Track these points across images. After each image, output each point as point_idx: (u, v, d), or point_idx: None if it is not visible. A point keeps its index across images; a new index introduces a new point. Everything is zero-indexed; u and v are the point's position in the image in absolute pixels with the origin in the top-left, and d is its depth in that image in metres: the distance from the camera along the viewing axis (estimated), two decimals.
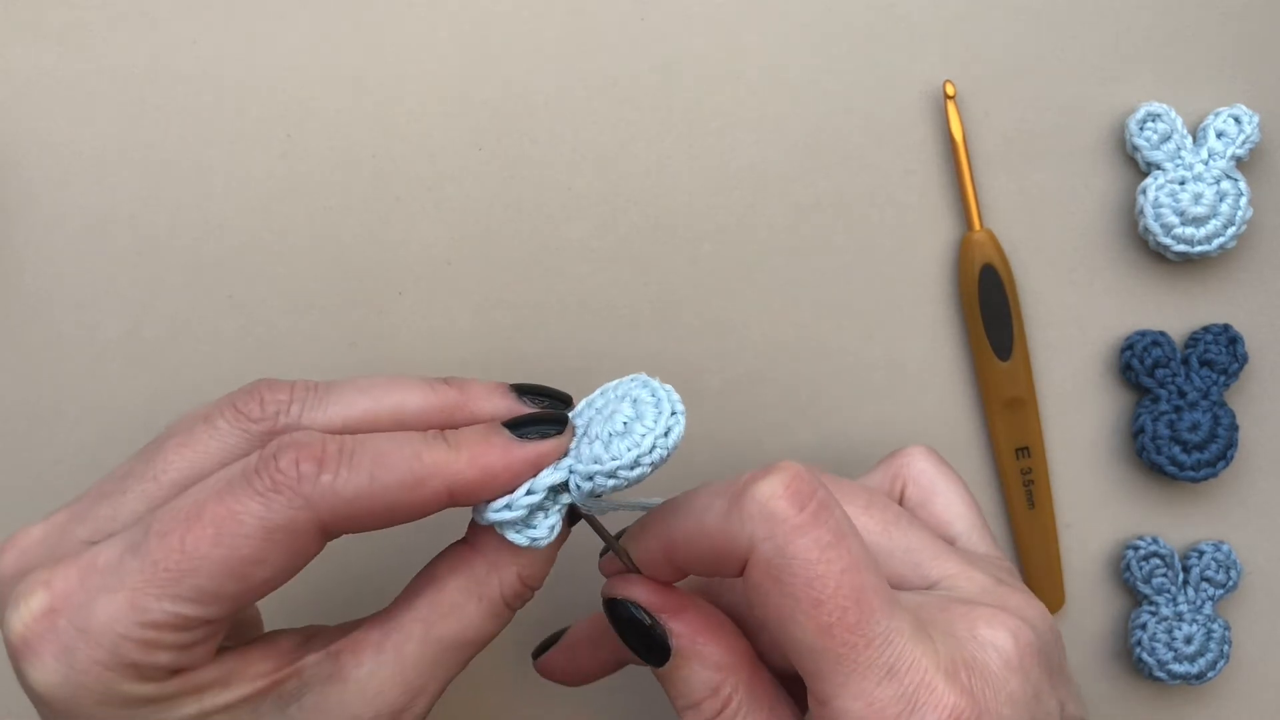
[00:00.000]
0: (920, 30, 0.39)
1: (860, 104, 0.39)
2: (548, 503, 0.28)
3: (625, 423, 0.27)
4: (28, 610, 0.25)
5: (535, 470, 0.27)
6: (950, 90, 0.39)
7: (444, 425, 0.28)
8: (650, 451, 0.27)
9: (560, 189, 0.39)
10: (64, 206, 0.39)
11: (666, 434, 0.27)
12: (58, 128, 0.38)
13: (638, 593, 0.29)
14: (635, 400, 0.28)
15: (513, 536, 0.28)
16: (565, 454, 0.28)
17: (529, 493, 0.27)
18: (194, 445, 0.27)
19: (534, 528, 0.28)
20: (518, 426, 0.28)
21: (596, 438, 0.27)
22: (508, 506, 0.27)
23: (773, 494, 0.26)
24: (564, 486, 0.28)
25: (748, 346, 0.39)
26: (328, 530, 0.26)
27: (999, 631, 0.27)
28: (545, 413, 0.29)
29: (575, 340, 0.39)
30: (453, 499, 0.27)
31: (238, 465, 0.26)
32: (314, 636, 0.28)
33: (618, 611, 0.29)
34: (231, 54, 0.39)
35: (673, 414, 0.27)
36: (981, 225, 0.39)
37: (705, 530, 0.27)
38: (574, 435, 0.28)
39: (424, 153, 0.39)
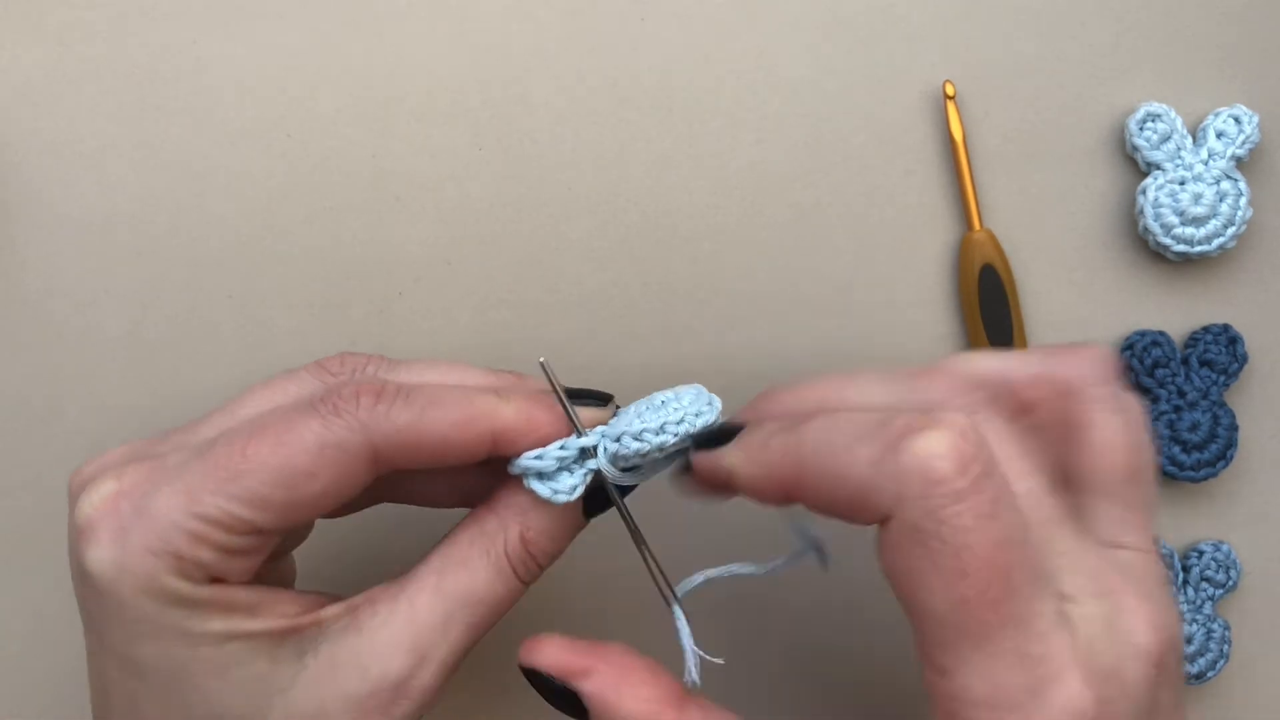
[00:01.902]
0: (920, 30, 0.39)
1: (860, 104, 0.39)
2: (575, 465, 0.29)
3: (663, 401, 0.29)
4: (97, 494, 0.27)
5: (566, 425, 0.29)
6: (950, 90, 0.39)
7: None
8: (679, 423, 0.29)
9: (560, 189, 0.39)
10: (64, 206, 0.39)
11: (698, 415, 0.29)
12: (58, 128, 0.38)
13: (545, 659, 0.29)
14: (679, 390, 0.30)
15: (536, 486, 0.29)
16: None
17: (562, 447, 0.29)
18: (273, 388, 0.30)
19: (557, 481, 0.29)
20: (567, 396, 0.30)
21: (634, 412, 0.29)
22: (539, 456, 0.29)
23: (934, 453, 0.24)
24: (593, 453, 0.29)
25: (748, 346, 0.39)
26: (379, 456, 0.27)
27: (1151, 636, 0.26)
28: (592, 390, 0.31)
29: (575, 340, 0.39)
30: (496, 444, 0.28)
31: (305, 397, 0.28)
32: (339, 598, 0.29)
33: (533, 679, 0.29)
34: (231, 54, 0.39)
35: (709, 403, 0.30)
36: (981, 225, 0.39)
37: (848, 475, 0.25)
38: (613, 413, 0.30)
39: (424, 153, 0.39)
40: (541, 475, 0.29)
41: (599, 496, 0.30)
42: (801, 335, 0.39)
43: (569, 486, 0.29)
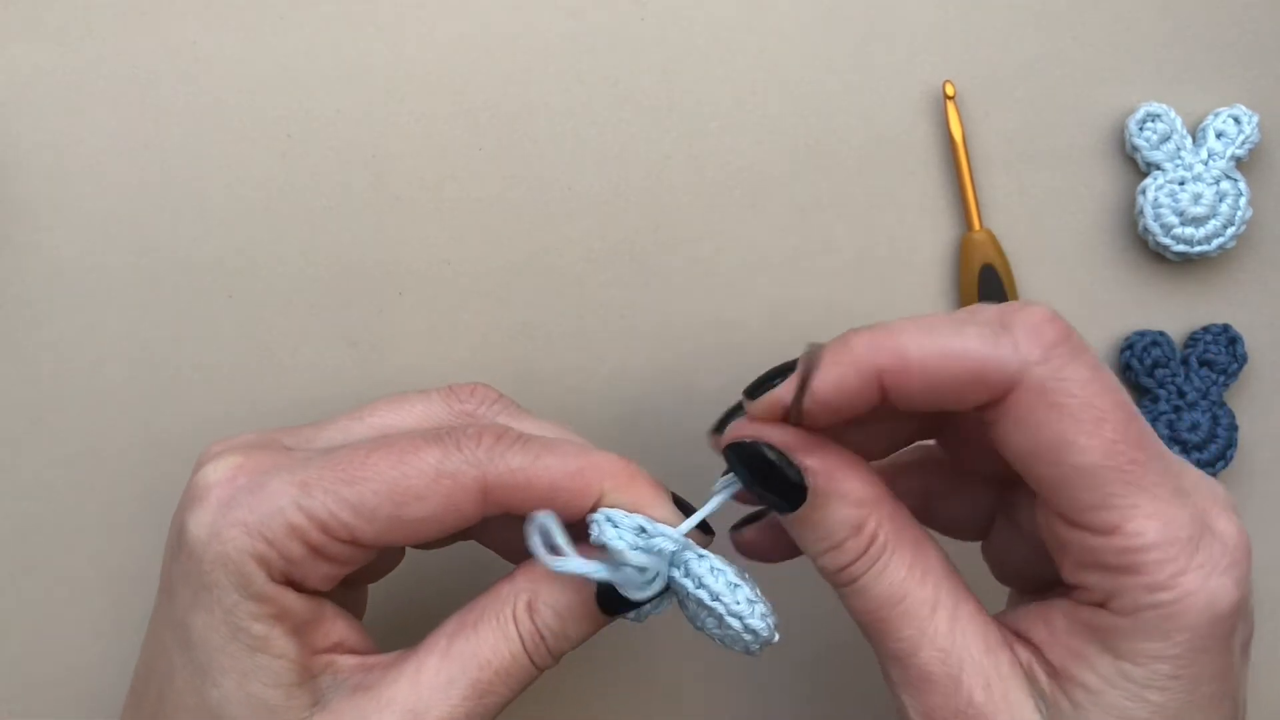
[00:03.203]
0: (920, 30, 0.39)
1: (860, 104, 0.39)
2: (642, 541, 0.28)
3: (749, 599, 0.28)
4: (222, 464, 0.28)
5: (667, 507, 0.29)
6: (950, 90, 0.39)
7: None
8: (728, 611, 0.28)
9: (560, 189, 0.39)
10: (64, 206, 0.39)
11: (752, 630, 0.28)
12: (58, 128, 0.38)
13: (769, 433, 0.28)
14: (750, 581, 0.29)
15: (598, 525, 0.28)
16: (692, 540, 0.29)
17: (647, 525, 0.28)
18: (403, 404, 0.31)
19: (617, 536, 0.28)
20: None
21: (715, 563, 0.28)
22: (628, 515, 0.29)
23: (1043, 319, 0.26)
24: (664, 553, 0.29)
25: (748, 346, 0.39)
26: (489, 495, 0.28)
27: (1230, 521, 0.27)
28: (707, 521, 0.30)
29: (575, 340, 0.39)
30: (602, 499, 0.29)
31: (430, 420, 0.30)
32: (370, 650, 0.30)
33: (746, 454, 0.28)
34: (231, 54, 0.39)
35: (769, 638, 0.29)
36: (981, 225, 0.39)
37: (964, 352, 0.25)
38: (701, 533, 0.29)
39: (424, 153, 0.39)
40: (612, 523, 0.28)
41: (621, 597, 0.29)
42: (801, 335, 0.39)
43: (615, 536, 0.28)
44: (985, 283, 0.38)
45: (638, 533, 0.28)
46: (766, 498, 0.28)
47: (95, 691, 0.39)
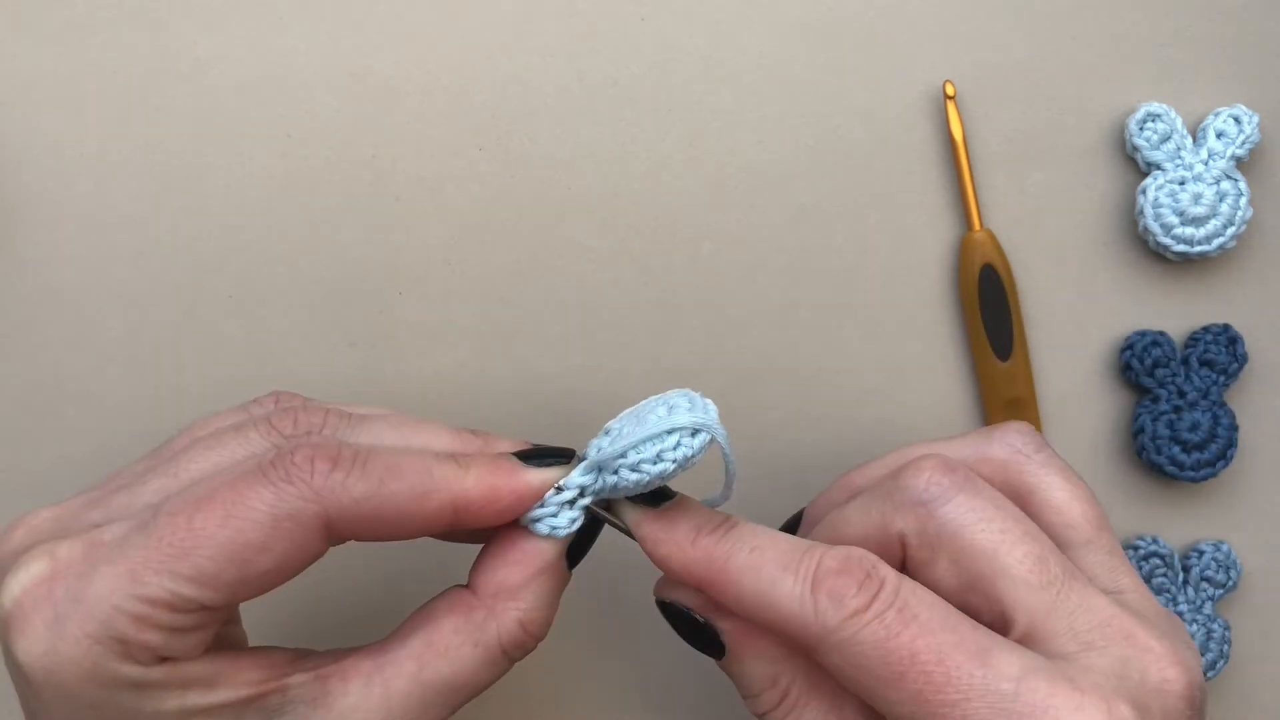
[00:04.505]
0: (920, 30, 0.39)
1: (860, 104, 0.39)
2: (567, 505, 0.29)
3: (654, 421, 0.28)
4: (27, 575, 0.25)
5: (538, 495, 0.28)
6: (950, 90, 0.39)
7: None
8: (675, 448, 0.27)
9: (560, 189, 0.39)
10: (64, 206, 0.39)
11: (694, 434, 0.28)
12: (58, 128, 0.38)
13: (687, 596, 0.30)
14: (672, 406, 0.28)
15: (535, 527, 0.28)
16: (585, 467, 0.29)
17: (559, 489, 0.28)
18: (220, 450, 0.28)
19: (555, 517, 0.28)
20: (527, 459, 0.29)
21: (622, 434, 0.28)
22: (543, 504, 0.28)
23: (829, 570, 0.27)
24: (583, 495, 0.29)
25: (748, 346, 0.39)
26: (333, 529, 0.26)
27: (1177, 673, 0.27)
28: (553, 447, 0.29)
29: (575, 340, 0.39)
30: (456, 515, 0.27)
31: (254, 460, 0.26)
32: (305, 657, 0.28)
33: (671, 611, 0.30)
34: (231, 54, 0.39)
35: (705, 412, 0.28)
36: (981, 225, 0.39)
37: (773, 607, 0.27)
38: (577, 465, 0.29)
39: (424, 153, 0.39)
40: (549, 519, 0.28)
41: (582, 540, 0.29)
42: (801, 335, 0.39)
43: (568, 520, 0.28)
44: (985, 283, 0.38)
45: (562, 504, 0.28)
46: (693, 646, 0.30)
47: None
